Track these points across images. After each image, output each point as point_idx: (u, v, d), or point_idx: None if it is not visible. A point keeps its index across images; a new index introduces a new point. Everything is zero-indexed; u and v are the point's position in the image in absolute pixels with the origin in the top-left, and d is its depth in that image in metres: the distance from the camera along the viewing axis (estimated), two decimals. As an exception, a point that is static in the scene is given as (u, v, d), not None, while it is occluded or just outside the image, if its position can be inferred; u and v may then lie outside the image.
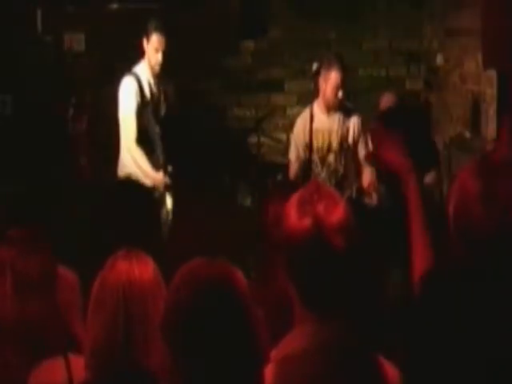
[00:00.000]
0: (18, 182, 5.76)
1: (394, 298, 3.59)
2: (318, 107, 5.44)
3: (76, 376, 2.36)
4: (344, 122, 5.50)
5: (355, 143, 5.50)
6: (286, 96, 6.28)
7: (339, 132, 5.47)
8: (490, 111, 5.83)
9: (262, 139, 6.28)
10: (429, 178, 5.82)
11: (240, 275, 1.92)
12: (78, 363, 2.38)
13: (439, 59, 7.03)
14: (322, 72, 5.37)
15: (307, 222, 1.97)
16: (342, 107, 5.50)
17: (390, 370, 2.03)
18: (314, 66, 5.53)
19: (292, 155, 5.57)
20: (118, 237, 2.89)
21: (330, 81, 5.35)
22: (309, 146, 5.36)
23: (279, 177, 5.65)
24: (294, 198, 2.04)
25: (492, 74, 5.60)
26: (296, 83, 6.95)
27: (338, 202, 2.02)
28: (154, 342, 2.15)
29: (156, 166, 5.51)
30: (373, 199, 5.19)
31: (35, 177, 5.94)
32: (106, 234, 3.02)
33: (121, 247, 2.35)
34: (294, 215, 1.99)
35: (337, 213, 1.98)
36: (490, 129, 5.77)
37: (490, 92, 5.79)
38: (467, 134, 6.35)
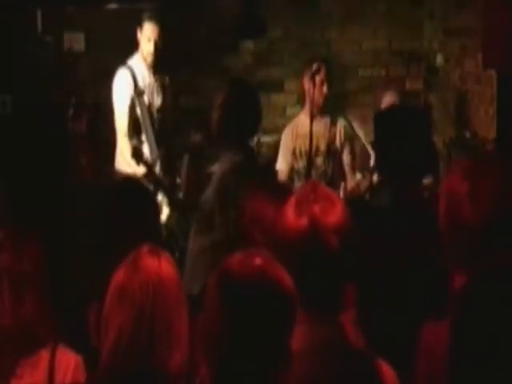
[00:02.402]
0: (17, 182, 5.76)
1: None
2: (304, 115, 5.63)
3: (58, 373, 2.43)
4: (331, 126, 5.66)
5: (341, 147, 5.66)
6: (285, 96, 6.28)
7: (326, 135, 5.64)
8: (490, 111, 5.83)
9: (262, 139, 6.27)
10: (428, 178, 5.83)
11: (285, 272, 1.85)
12: (64, 356, 2.41)
13: (439, 59, 7.02)
14: (306, 74, 5.59)
15: (303, 222, 1.97)
16: (329, 111, 5.67)
17: (387, 371, 2.03)
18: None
19: (280, 165, 5.76)
20: (119, 237, 2.90)
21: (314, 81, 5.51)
22: (300, 152, 5.63)
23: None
24: (292, 198, 2.05)
25: (492, 73, 5.59)
26: (296, 83, 6.92)
27: (336, 203, 2.03)
28: (176, 342, 2.16)
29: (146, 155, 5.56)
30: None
31: (35, 177, 5.94)
32: (107, 234, 3.02)
33: (122, 247, 2.35)
34: (290, 215, 2.00)
35: (333, 213, 1.99)
36: (489, 129, 5.77)
37: (490, 92, 5.79)
38: (467, 134, 6.34)
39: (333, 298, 2.00)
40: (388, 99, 6.33)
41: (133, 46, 5.78)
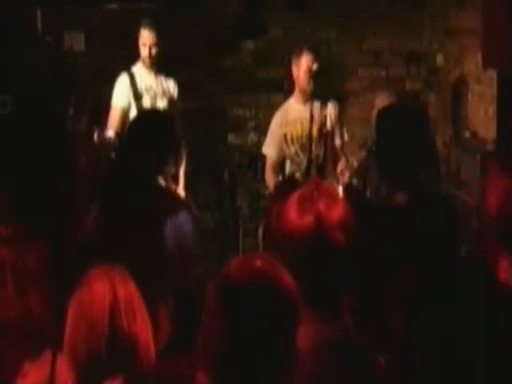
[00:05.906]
0: (17, 182, 5.75)
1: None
2: (294, 99, 5.79)
3: (60, 374, 2.45)
4: (321, 109, 5.73)
5: (332, 130, 5.74)
6: (285, 96, 6.26)
7: (317, 119, 5.70)
8: (490, 111, 5.83)
9: (262, 139, 6.27)
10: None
11: (285, 272, 1.83)
12: (64, 362, 2.43)
13: (439, 59, 7.03)
14: (294, 60, 5.71)
15: (308, 219, 1.97)
16: (318, 96, 5.73)
17: (390, 369, 2.03)
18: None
19: (268, 149, 5.83)
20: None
21: (302, 66, 5.65)
22: (291, 138, 5.71)
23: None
24: (295, 197, 2.05)
25: (492, 73, 5.60)
26: (296, 83, 6.93)
27: (338, 200, 2.03)
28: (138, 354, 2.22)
29: None
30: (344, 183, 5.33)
31: (35, 177, 5.93)
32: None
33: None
34: (294, 213, 2.00)
35: (337, 210, 1.99)
36: (489, 129, 5.77)
37: (490, 92, 5.79)
38: (467, 134, 6.35)
39: (338, 296, 2.00)
40: (381, 101, 6.32)
41: (133, 47, 5.80)
